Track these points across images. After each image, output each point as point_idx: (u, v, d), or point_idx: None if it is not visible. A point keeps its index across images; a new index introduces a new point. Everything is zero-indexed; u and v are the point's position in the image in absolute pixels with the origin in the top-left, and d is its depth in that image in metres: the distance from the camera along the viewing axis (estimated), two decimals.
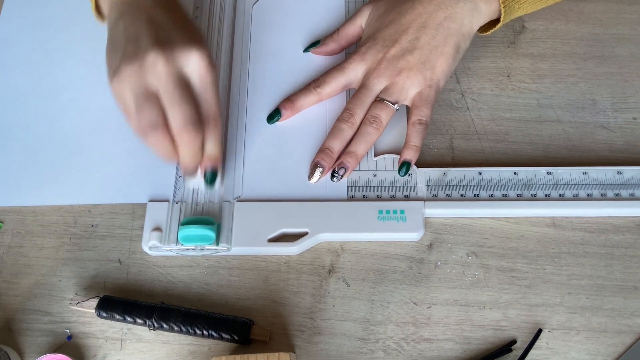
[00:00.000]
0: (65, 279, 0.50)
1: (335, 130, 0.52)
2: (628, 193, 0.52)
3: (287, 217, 0.51)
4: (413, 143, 0.52)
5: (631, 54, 0.59)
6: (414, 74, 0.52)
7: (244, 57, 0.58)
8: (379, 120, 0.52)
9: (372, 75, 0.53)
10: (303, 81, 0.57)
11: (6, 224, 0.53)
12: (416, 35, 0.52)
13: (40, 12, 0.61)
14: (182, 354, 0.47)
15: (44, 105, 0.57)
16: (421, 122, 0.52)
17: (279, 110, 0.55)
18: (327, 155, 0.52)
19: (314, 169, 0.52)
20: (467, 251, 0.51)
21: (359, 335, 0.48)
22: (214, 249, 0.49)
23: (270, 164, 0.54)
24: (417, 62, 0.52)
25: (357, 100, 0.53)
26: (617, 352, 0.47)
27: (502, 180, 0.52)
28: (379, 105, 0.52)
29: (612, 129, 0.56)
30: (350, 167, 0.52)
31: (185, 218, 0.50)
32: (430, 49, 0.52)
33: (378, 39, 0.54)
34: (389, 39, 0.53)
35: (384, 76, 0.52)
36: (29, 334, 0.48)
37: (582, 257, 0.50)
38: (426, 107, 0.52)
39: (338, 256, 0.51)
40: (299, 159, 0.54)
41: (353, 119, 0.52)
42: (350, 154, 0.52)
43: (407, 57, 0.52)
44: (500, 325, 0.48)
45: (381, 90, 0.53)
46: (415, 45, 0.52)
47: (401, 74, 0.52)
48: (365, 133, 0.52)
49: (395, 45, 0.53)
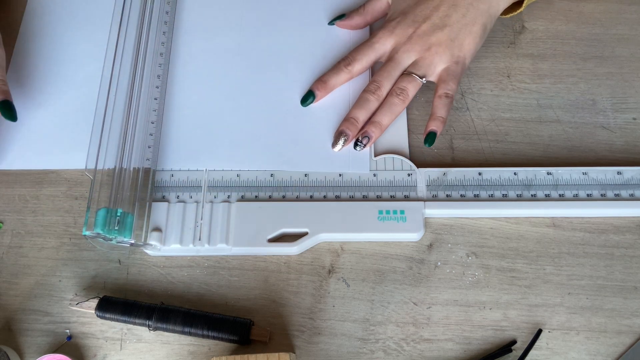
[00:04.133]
0: (65, 280, 0.50)
1: (362, 100, 0.53)
2: (628, 193, 0.52)
3: (287, 217, 0.51)
4: (439, 114, 0.53)
5: (631, 54, 0.59)
6: (443, 50, 0.53)
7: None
8: (405, 92, 0.53)
9: (402, 49, 0.54)
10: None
11: (6, 224, 0.53)
12: (447, 12, 0.54)
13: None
14: (182, 355, 0.47)
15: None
16: (447, 95, 0.53)
17: (313, 92, 0.55)
18: (352, 125, 0.53)
19: (338, 137, 0.53)
20: (467, 251, 0.51)
21: (359, 335, 0.48)
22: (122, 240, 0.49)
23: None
24: (446, 39, 0.53)
25: (384, 73, 0.54)
26: (617, 352, 0.47)
27: (502, 180, 0.52)
28: (407, 78, 0.53)
29: (612, 129, 0.56)
30: (374, 137, 0.53)
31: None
32: (460, 27, 0.53)
33: (408, 15, 0.54)
34: (420, 15, 0.54)
35: (414, 51, 0.54)
36: (29, 334, 0.48)
37: (582, 258, 0.50)
38: (453, 81, 0.53)
39: (338, 256, 0.51)
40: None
41: (380, 90, 0.53)
42: (375, 124, 0.53)
43: (437, 34, 0.53)
44: (500, 326, 0.48)
45: (409, 64, 0.54)
46: (446, 23, 0.53)
47: (430, 50, 0.53)
48: (392, 104, 0.53)
49: (427, 21, 0.54)
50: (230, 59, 0.59)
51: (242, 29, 0.60)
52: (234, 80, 0.58)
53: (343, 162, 0.53)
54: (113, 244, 0.49)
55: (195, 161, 0.54)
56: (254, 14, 0.61)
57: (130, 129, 0.53)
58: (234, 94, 0.57)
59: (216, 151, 0.54)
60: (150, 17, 0.59)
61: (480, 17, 0.54)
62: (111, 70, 0.56)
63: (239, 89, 0.57)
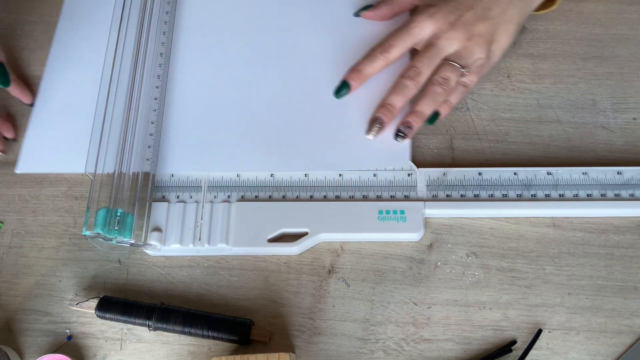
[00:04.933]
0: (65, 280, 0.50)
1: (400, 86, 0.52)
2: (628, 193, 0.52)
3: (287, 217, 0.51)
4: (451, 100, 0.52)
5: (631, 54, 0.59)
6: (483, 42, 0.52)
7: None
8: (448, 82, 0.51)
9: (444, 36, 0.52)
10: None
11: (6, 224, 0.53)
12: (489, 5, 0.53)
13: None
14: (182, 355, 0.47)
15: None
16: (466, 84, 0.52)
17: (347, 82, 0.53)
18: (388, 111, 0.51)
19: (373, 123, 0.52)
20: (467, 251, 0.51)
21: (359, 335, 0.48)
22: (123, 240, 0.49)
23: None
24: (487, 32, 0.52)
25: (425, 59, 0.52)
26: (617, 352, 0.47)
27: (502, 180, 0.52)
28: (450, 68, 0.52)
29: (612, 129, 0.56)
30: (416, 127, 0.51)
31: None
32: (499, 23, 0.53)
33: (450, 2, 0.53)
34: (463, 4, 0.53)
35: (457, 39, 0.52)
36: (29, 334, 0.48)
37: (582, 258, 0.50)
38: (477, 75, 0.53)
39: (338, 256, 0.51)
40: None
41: (419, 77, 0.51)
42: (417, 113, 0.51)
43: (479, 25, 0.52)
44: (500, 326, 0.48)
45: (451, 52, 0.52)
46: (488, 15, 0.52)
47: (472, 40, 0.52)
48: (434, 93, 0.51)
49: (470, 10, 0.52)
50: (232, 58, 0.58)
51: (244, 28, 0.60)
52: (236, 79, 0.57)
53: (380, 158, 0.52)
54: (113, 244, 0.49)
55: (197, 164, 0.53)
56: (257, 11, 0.61)
57: (130, 129, 0.53)
58: (237, 93, 0.57)
59: (219, 154, 0.54)
60: (150, 17, 0.59)
61: (517, 15, 0.53)
62: (111, 70, 0.56)
63: (242, 87, 0.57)
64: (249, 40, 0.59)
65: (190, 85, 0.57)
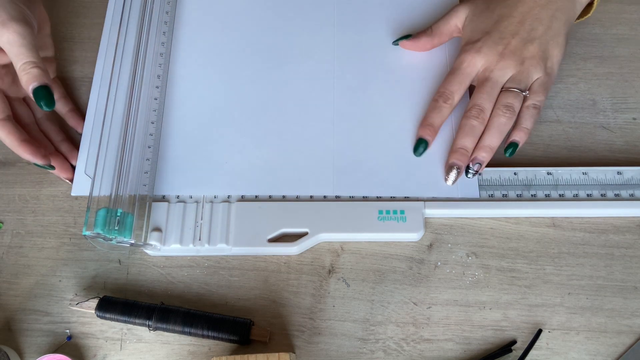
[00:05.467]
0: (65, 280, 0.50)
1: (467, 127, 0.52)
2: (628, 193, 0.52)
3: (287, 217, 0.51)
4: (525, 125, 0.52)
5: (631, 54, 0.59)
6: (537, 62, 0.52)
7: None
8: (512, 109, 0.52)
9: (497, 67, 0.52)
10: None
11: (6, 224, 0.53)
12: (533, 26, 0.53)
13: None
14: (182, 355, 0.47)
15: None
16: (536, 106, 0.52)
17: (424, 139, 0.53)
18: (463, 155, 0.51)
19: (450, 170, 0.52)
20: (467, 251, 0.51)
21: (359, 335, 0.48)
22: (123, 240, 0.49)
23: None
24: (538, 51, 0.52)
25: (484, 95, 0.52)
26: (617, 352, 0.47)
27: (502, 180, 0.52)
28: (511, 95, 0.52)
29: (612, 129, 0.56)
30: (485, 161, 0.51)
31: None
32: (548, 39, 0.53)
33: (492, 33, 0.53)
34: (506, 32, 0.53)
35: (509, 67, 0.52)
36: (29, 334, 0.48)
37: (582, 258, 0.50)
38: (543, 93, 0.53)
39: (338, 256, 0.51)
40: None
41: (483, 114, 0.52)
42: (485, 148, 0.51)
43: (529, 47, 0.52)
44: (500, 326, 0.48)
45: (507, 80, 0.53)
46: (534, 36, 0.53)
47: (524, 63, 0.52)
48: (500, 124, 0.52)
49: (515, 36, 0.53)
50: (233, 59, 0.58)
51: (246, 29, 0.60)
52: (237, 82, 0.57)
53: (451, 188, 0.52)
54: (113, 244, 0.49)
55: (196, 186, 0.52)
56: (259, 12, 0.61)
57: (130, 130, 0.53)
58: (238, 99, 0.56)
59: (219, 174, 0.53)
60: (150, 17, 0.59)
61: (563, 27, 0.54)
62: (111, 70, 0.56)
63: (244, 92, 0.57)
64: (247, 42, 0.59)
65: (191, 86, 0.57)
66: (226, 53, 0.59)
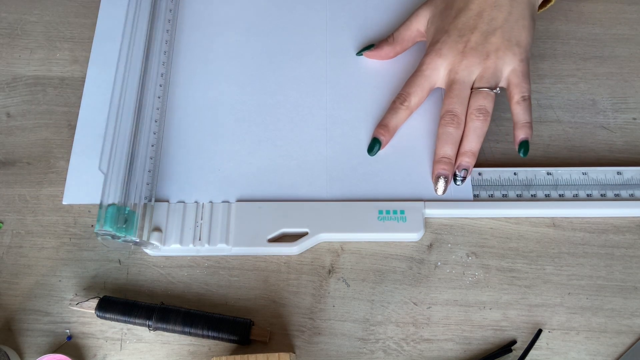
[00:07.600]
0: (65, 279, 0.50)
1: (444, 136, 0.51)
2: (628, 193, 0.52)
3: (287, 217, 0.51)
4: (524, 120, 0.51)
5: (631, 54, 0.59)
6: (503, 53, 0.51)
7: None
8: (484, 110, 0.50)
9: (460, 68, 0.51)
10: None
11: (6, 224, 0.53)
12: (492, 16, 0.51)
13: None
14: (182, 355, 0.47)
15: None
16: (524, 97, 0.51)
17: (377, 139, 0.53)
18: (446, 164, 0.51)
19: (437, 180, 0.51)
20: (467, 251, 0.51)
21: (359, 335, 0.48)
22: (129, 238, 0.48)
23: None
24: (502, 41, 0.51)
25: (454, 99, 0.51)
26: (617, 352, 0.47)
27: (502, 180, 0.52)
28: (481, 95, 0.50)
29: (612, 129, 0.56)
30: (471, 166, 0.51)
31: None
32: (511, 26, 0.51)
33: (451, 31, 0.52)
34: (465, 28, 0.52)
35: (474, 65, 0.51)
36: (29, 334, 0.48)
37: (582, 257, 0.50)
38: (525, 81, 0.51)
39: (338, 256, 0.51)
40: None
41: (457, 118, 0.50)
42: (467, 154, 0.50)
43: (491, 39, 0.51)
44: (500, 326, 0.48)
45: (475, 79, 0.52)
46: (495, 26, 0.51)
47: (490, 58, 0.51)
48: (476, 128, 0.50)
49: (475, 31, 0.51)
50: (227, 65, 0.58)
51: (237, 37, 0.59)
52: (238, 84, 0.57)
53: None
54: (119, 242, 0.49)
55: (192, 194, 0.52)
56: (250, 21, 0.60)
57: (140, 127, 0.53)
58: (240, 104, 0.57)
59: (219, 178, 0.53)
60: (156, 20, 0.59)
61: (525, 9, 0.52)
62: (123, 71, 0.56)
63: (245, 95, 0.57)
64: (249, 44, 0.59)
65: (185, 93, 0.57)
66: (219, 60, 0.58)
